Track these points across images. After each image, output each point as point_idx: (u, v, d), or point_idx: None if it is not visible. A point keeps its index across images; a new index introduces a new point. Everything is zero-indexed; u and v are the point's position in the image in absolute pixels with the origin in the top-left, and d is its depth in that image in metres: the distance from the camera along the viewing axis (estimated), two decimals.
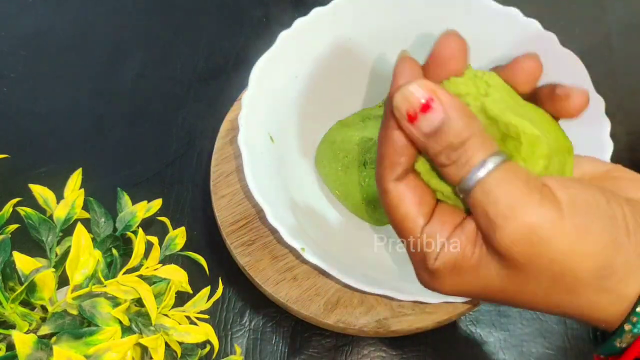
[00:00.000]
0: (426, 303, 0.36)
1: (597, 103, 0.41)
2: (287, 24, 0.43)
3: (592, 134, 0.40)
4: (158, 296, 0.36)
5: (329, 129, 0.47)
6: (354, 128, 0.45)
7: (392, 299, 0.37)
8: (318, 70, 0.45)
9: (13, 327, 0.32)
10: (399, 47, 0.46)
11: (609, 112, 0.41)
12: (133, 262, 0.35)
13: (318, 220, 0.44)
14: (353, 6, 0.44)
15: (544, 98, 0.27)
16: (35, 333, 0.30)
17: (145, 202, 0.42)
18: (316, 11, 0.43)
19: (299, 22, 0.43)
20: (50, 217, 0.38)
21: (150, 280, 0.35)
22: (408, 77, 0.25)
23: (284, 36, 0.43)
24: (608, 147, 0.39)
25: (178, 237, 0.40)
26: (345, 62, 0.46)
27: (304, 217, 0.42)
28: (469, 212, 0.25)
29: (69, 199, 0.39)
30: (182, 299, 0.36)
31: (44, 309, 0.33)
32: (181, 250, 0.40)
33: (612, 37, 0.58)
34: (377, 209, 0.43)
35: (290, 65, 0.44)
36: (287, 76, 0.44)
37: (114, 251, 0.36)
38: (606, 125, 0.40)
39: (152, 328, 0.33)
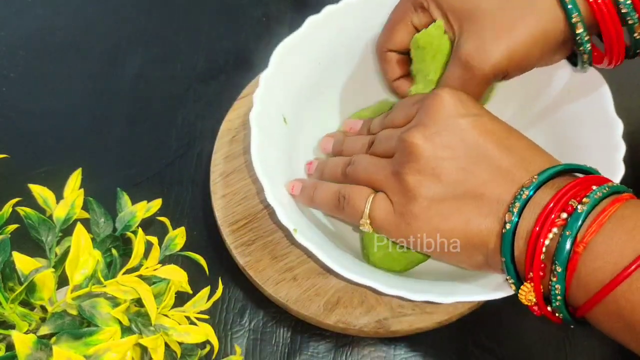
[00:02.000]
0: (407, 299, 0.36)
1: (615, 126, 0.40)
2: (287, 24, 0.43)
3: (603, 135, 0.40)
4: (158, 296, 0.35)
5: (340, 125, 0.47)
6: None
7: (376, 291, 0.36)
8: (342, 59, 0.45)
9: (13, 327, 0.32)
10: None
11: None
12: (133, 262, 0.35)
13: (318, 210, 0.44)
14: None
15: None
16: (34, 333, 0.30)
17: (145, 202, 0.42)
18: (345, 1, 0.43)
19: (328, 9, 0.43)
20: (50, 217, 0.38)
21: (150, 281, 0.35)
22: None
23: (311, 21, 0.42)
24: (621, 149, 0.39)
25: (178, 237, 0.40)
26: (371, 53, 0.46)
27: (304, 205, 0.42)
28: None
29: (69, 199, 0.39)
30: (182, 299, 0.36)
31: (43, 309, 0.33)
32: (181, 250, 0.40)
33: None
34: None
35: (314, 51, 0.44)
36: (309, 61, 0.44)
37: (114, 251, 0.36)
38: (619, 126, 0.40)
39: (151, 328, 0.33)
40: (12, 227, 0.37)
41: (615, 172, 0.38)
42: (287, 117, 0.42)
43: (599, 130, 0.41)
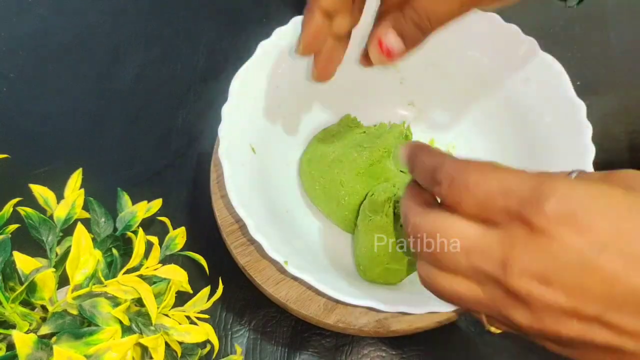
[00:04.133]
0: (409, 314, 0.36)
1: (579, 109, 0.40)
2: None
3: (574, 140, 0.40)
4: (158, 296, 0.36)
5: (309, 144, 0.47)
6: (330, 143, 0.45)
7: (377, 310, 0.37)
8: (299, 79, 0.45)
9: (13, 327, 0.32)
10: None
11: (609, 112, 0.41)
12: (133, 262, 0.35)
13: (302, 230, 0.44)
14: None
15: None
16: (35, 333, 0.30)
17: (145, 202, 0.42)
18: (295, 20, 0.43)
19: (278, 32, 0.43)
20: (51, 217, 0.38)
21: (150, 280, 0.35)
22: None
23: (263, 46, 0.43)
24: (590, 152, 0.39)
25: (178, 237, 0.40)
26: None
27: (288, 227, 0.42)
28: None
29: (69, 199, 0.39)
30: (182, 298, 0.36)
31: (44, 308, 0.33)
32: (181, 250, 0.40)
33: (612, 36, 0.58)
34: None
35: (270, 76, 0.44)
36: (267, 86, 0.44)
37: (114, 251, 0.37)
38: (588, 131, 0.40)
39: (152, 328, 0.33)
40: (12, 227, 0.37)
41: (587, 152, 0.39)
42: (254, 145, 0.43)
43: (564, 116, 0.41)
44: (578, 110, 0.40)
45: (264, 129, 0.44)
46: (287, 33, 0.43)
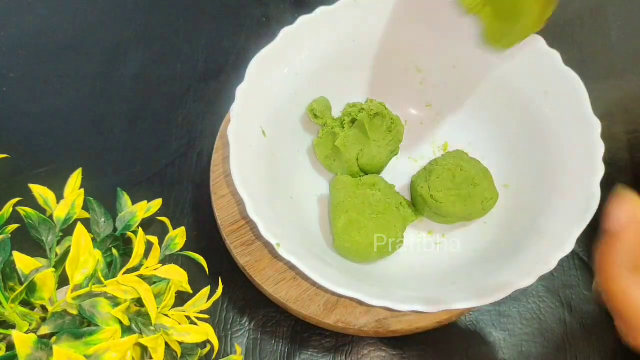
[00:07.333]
0: (394, 310, 0.36)
1: (594, 127, 0.40)
2: (288, 24, 0.43)
3: (586, 158, 0.39)
4: (158, 296, 0.36)
5: (339, 182, 0.44)
6: (367, 187, 0.44)
7: (361, 302, 0.37)
8: (318, 70, 0.45)
9: (13, 327, 0.32)
10: (400, 51, 0.46)
11: (609, 112, 0.40)
12: (133, 262, 0.35)
13: (304, 218, 0.44)
14: (357, 8, 0.44)
15: None
16: (35, 333, 0.30)
17: (145, 202, 0.42)
18: (320, 10, 0.43)
19: (302, 20, 0.43)
20: (50, 217, 0.38)
21: (150, 280, 0.35)
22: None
23: (285, 32, 0.43)
24: (600, 172, 0.39)
25: (178, 237, 0.40)
26: (346, 64, 0.46)
27: (289, 213, 0.42)
28: None
29: (69, 199, 0.39)
30: (182, 298, 0.36)
31: (44, 309, 0.33)
32: (181, 250, 0.40)
33: (612, 37, 0.58)
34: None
35: (290, 62, 0.44)
36: (286, 73, 0.44)
37: (114, 251, 0.37)
38: (600, 151, 0.39)
39: (152, 328, 0.33)
40: (12, 227, 0.37)
41: (596, 172, 0.38)
42: (265, 129, 0.42)
43: (578, 132, 0.40)
44: (593, 128, 0.39)
45: (276, 114, 0.44)
46: (311, 22, 0.43)
